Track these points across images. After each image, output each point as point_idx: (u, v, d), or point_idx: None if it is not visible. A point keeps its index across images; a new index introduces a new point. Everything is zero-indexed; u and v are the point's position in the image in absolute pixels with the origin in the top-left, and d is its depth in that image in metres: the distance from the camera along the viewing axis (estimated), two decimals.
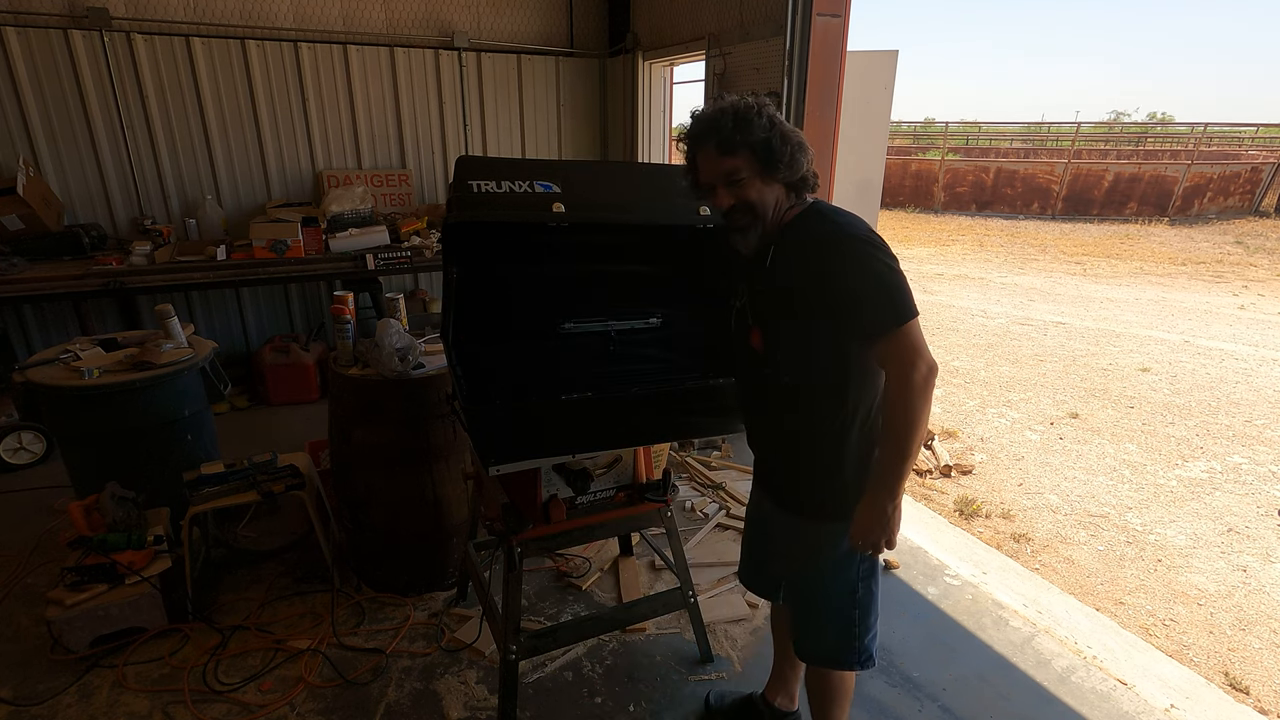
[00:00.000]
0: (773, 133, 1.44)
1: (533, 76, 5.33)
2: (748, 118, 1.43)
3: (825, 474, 1.58)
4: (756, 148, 1.44)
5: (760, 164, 1.45)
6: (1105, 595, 3.01)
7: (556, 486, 2.08)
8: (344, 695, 2.26)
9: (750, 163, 1.45)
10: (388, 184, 5.08)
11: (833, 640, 1.69)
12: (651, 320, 2.29)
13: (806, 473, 1.61)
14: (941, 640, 2.53)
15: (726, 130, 1.43)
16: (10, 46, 3.93)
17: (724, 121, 1.44)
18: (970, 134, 25.84)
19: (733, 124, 1.43)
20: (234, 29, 4.42)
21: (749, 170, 1.46)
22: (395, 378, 2.43)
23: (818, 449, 1.57)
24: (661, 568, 2.92)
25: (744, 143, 1.44)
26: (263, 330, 5.07)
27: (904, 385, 1.38)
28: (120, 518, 2.56)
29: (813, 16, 3.38)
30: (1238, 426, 4.80)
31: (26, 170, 3.98)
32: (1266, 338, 6.93)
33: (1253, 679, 2.54)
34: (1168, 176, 14.90)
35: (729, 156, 1.45)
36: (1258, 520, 3.65)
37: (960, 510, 3.66)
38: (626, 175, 2.21)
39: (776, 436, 1.68)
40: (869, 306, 1.39)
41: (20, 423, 3.72)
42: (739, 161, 1.45)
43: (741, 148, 1.44)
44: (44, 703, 2.21)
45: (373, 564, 2.75)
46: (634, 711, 2.23)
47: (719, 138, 1.44)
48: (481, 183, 1.66)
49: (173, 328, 2.94)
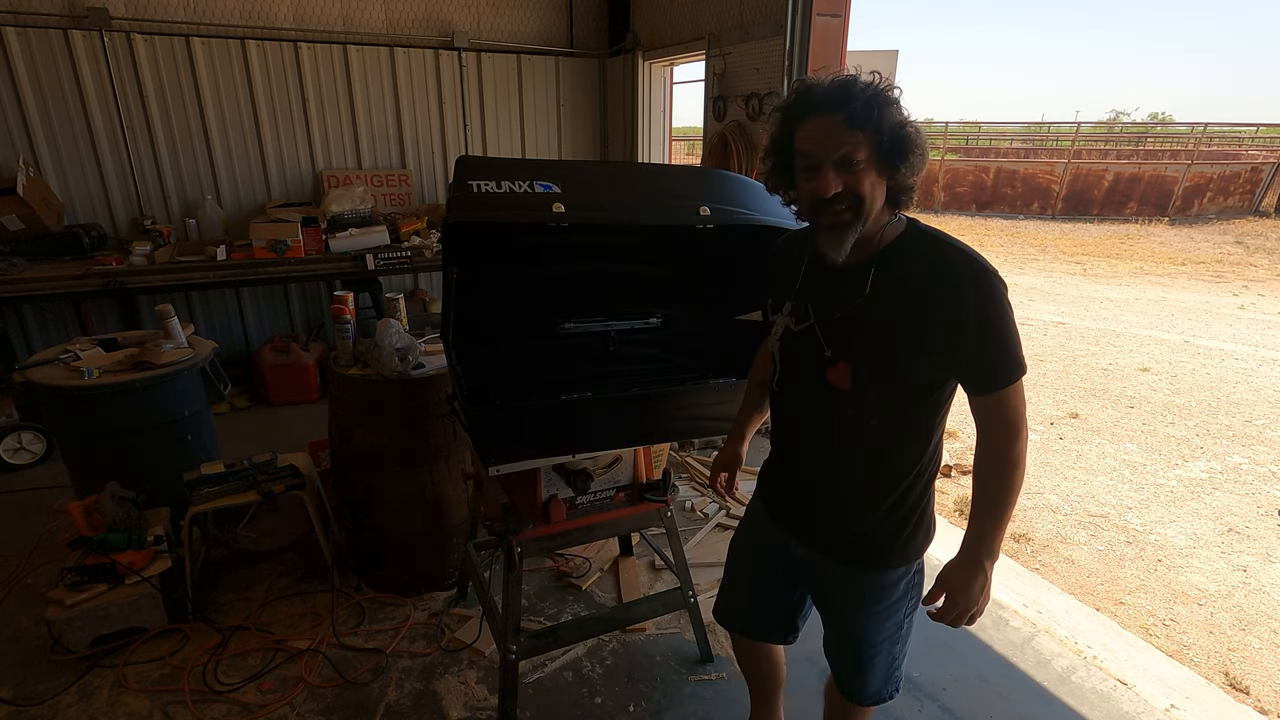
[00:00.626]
0: (908, 123, 1.24)
1: (533, 76, 5.33)
2: (888, 97, 1.23)
3: (897, 523, 1.45)
4: (889, 134, 1.23)
5: (884, 155, 1.24)
6: (1105, 595, 3.01)
7: (556, 486, 2.08)
8: (344, 695, 2.26)
9: (874, 150, 1.24)
10: (388, 184, 5.09)
11: (880, 678, 1.63)
12: (651, 320, 2.30)
13: (876, 520, 1.45)
14: (941, 640, 2.53)
15: (861, 102, 1.21)
16: (10, 46, 3.93)
17: (859, 93, 1.22)
18: (970, 134, 25.84)
19: (871, 98, 1.21)
20: (234, 29, 4.42)
21: (869, 157, 1.24)
22: (395, 378, 2.43)
23: (891, 495, 1.43)
24: (661, 568, 2.92)
25: (878, 124, 1.22)
26: (263, 330, 5.07)
27: (1014, 442, 1.29)
28: (120, 518, 2.55)
29: (813, 16, 3.38)
30: (1238, 426, 4.80)
31: (26, 170, 3.98)
32: (1266, 338, 6.93)
33: (1253, 679, 2.54)
34: (1168, 176, 14.90)
35: (856, 131, 1.22)
36: (1258, 520, 3.65)
37: (960, 510, 3.66)
38: (626, 175, 2.21)
39: (840, 480, 1.48)
40: (999, 357, 1.26)
41: (20, 423, 3.72)
42: (863, 141, 1.23)
43: (872, 128, 1.22)
44: (44, 703, 2.20)
45: (373, 564, 2.75)
46: (634, 711, 2.23)
47: (850, 109, 1.21)
48: (481, 183, 1.65)
49: (173, 328, 2.94)
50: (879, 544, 1.47)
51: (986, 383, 1.29)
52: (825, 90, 1.24)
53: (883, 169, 1.26)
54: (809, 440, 1.51)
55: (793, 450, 1.57)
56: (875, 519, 1.45)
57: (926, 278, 1.27)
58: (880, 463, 1.41)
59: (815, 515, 1.54)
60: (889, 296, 1.30)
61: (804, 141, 1.27)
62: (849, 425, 1.40)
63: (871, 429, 1.38)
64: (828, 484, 1.50)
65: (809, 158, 1.26)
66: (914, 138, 1.24)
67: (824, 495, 1.51)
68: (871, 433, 1.38)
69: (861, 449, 1.42)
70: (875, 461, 1.41)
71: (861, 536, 1.48)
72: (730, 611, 1.83)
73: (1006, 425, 1.30)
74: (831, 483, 1.49)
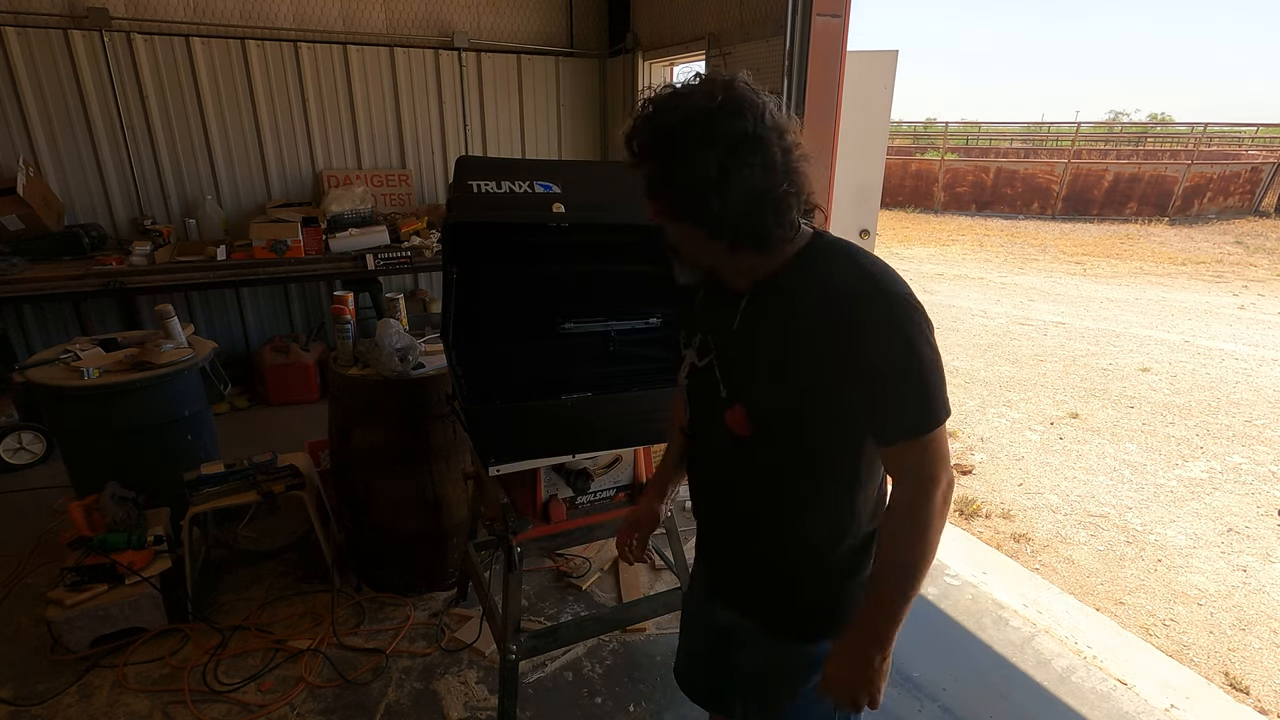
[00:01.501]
0: (723, 180, 0.98)
1: (532, 76, 5.33)
2: (680, 139, 0.99)
3: (819, 583, 1.21)
4: (686, 197, 1.02)
5: (698, 219, 1.04)
6: (1105, 595, 3.01)
7: (556, 486, 2.08)
8: (344, 695, 2.26)
9: (679, 220, 1.07)
10: (388, 184, 5.08)
11: None
12: (651, 320, 2.30)
13: (793, 582, 1.23)
14: (941, 640, 2.53)
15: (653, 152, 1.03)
16: (10, 46, 3.93)
17: (650, 137, 1.03)
18: (970, 134, 25.85)
19: (662, 148, 1.02)
20: (234, 29, 4.42)
21: (679, 230, 1.08)
22: (395, 378, 2.43)
23: (810, 552, 1.20)
24: (661, 568, 2.92)
25: (667, 187, 1.03)
26: (263, 330, 5.07)
27: (922, 504, 1.03)
28: (120, 518, 2.56)
29: (813, 16, 3.37)
30: (1238, 426, 4.80)
31: (26, 170, 3.98)
32: (1266, 338, 6.93)
33: (1253, 679, 2.54)
34: (1168, 176, 14.90)
35: (649, 199, 1.08)
36: (1258, 520, 3.65)
37: (960, 510, 3.66)
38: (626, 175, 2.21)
39: (753, 535, 1.24)
40: (899, 400, 1.01)
41: (20, 423, 3.72)
42: (664, 217, 1.08)
43: (661, 194, 1.05)
44: (44, 703, 2.20)
45: (373, 564, 2.75)
46: (634, 711, 2.23)
47: (643, 161, 1.05)
48: (481, 183, 1.66)
49: (173, 328, 2.94)
50: (797, 611, 1.24)
51: (885, 431, 1.05)
52: (629, 133, 1.06)
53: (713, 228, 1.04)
54: (716, 488, 1.30)
55: (705, 499, 1.34)
56: (793, 581, 1.23)
57: (812, 307, 1.04)
58: (799, 515, 1.17)
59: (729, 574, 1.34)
60: (767, 329, 1.10)
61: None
62: (758, 474, 1.19)
63: (784, 477, 1.16)
64: (735, 539, 1.29)
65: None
66: (725, 202, 0.99)
67: (737, 552, 1.30)
68: (785, 482, 1.17)
69: (767, 499, 1.19)
70: (793, 513, 1.18)
71: (774, 600, 1.26)
72: (679, 675, 1.58)
73: (908, 486, 1.04)
74: (740, 538, 1.28)
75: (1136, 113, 44.81)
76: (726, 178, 0.98)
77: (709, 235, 1.05)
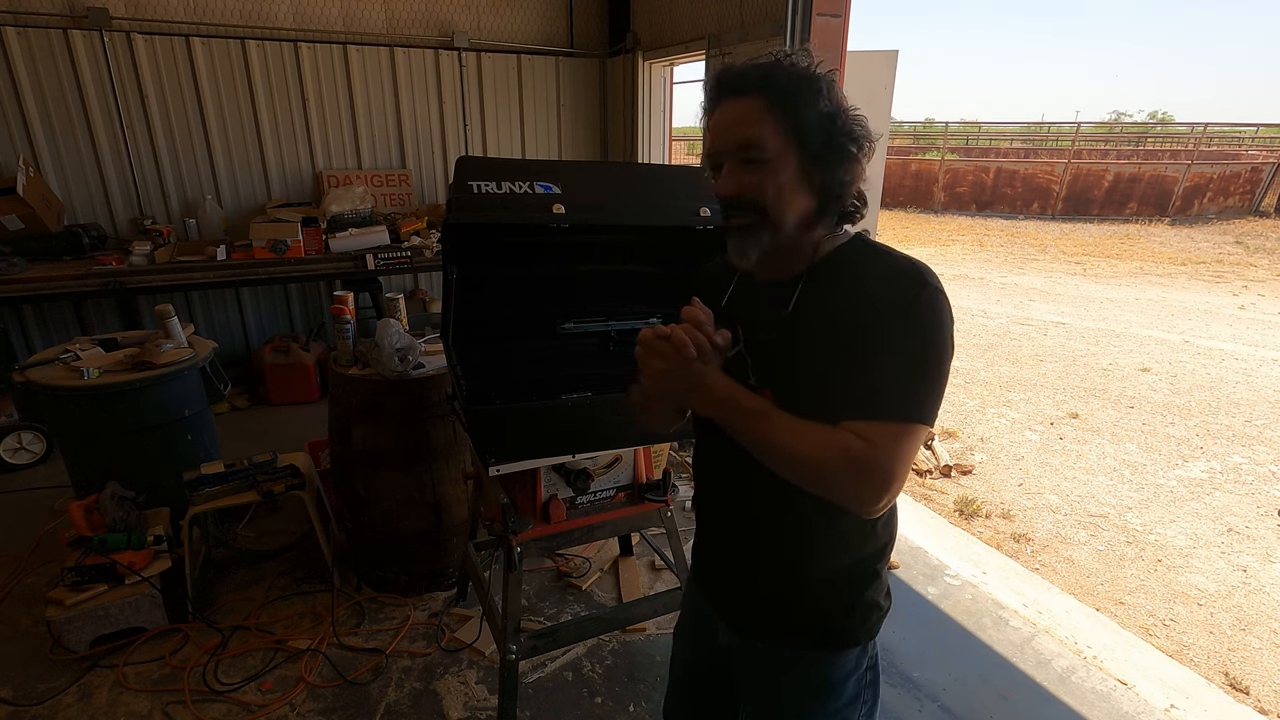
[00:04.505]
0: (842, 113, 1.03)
1: (533, 77, 5.33)
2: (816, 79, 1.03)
3: (835, 588, 1.18)
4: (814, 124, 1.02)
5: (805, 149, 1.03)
6: (1105, 595, 3.01)
7: (556, 486, 2.08)
8: (344, 695, 2.26)
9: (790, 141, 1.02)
10: (388, 184, 5.08)
11: None
12: (652, 320, 2.30)
13: (812, 588, 1.18)
14: (941, 640, 2.53)
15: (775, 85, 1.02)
16: (10, 46, 3.93)
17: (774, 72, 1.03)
18: (970, 134, 25.85)
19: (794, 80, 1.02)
20: (234, 29, 4.42)
21: (780, 152, 1.03)
22: (395, 378, 2.43)
23: (831, 557, 1.16)
24: (661, 568, 2.92)
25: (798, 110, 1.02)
26: (263, 330, 5.07)
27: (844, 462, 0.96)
28: (120, 518, 2.56)
29: (813, 16, 3.37)
30: (1238, 426, 4.80)
31: (26, 170, 3.98)
32: (1266, 338, 6.93)
33: (1253, 679, 2.54)
34: (1168, 176, 14.90)
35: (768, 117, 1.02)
36: (1258, 520, 3.65)
37: (960, 510, 3.66)
38: (626, 175, 2.21)
39: (771, 540, 1.20)
40: (890, 378, 0.98)
41: (20, 423, 3.72)
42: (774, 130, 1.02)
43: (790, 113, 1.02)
44: (44, 703, 2.21)
45: (373, 564, 2.75)
46: (634, 711, 2.23)
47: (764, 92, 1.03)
48: (481, 183, 1.66)
49: (173, 328, 2.94)
50: (817, 617, 1.18)
51: (853, 406, 0.99)
52: (736, 73, 1.05)
53: (805, 167, 1.04)
54: (729, 484, 1.25)
55: (714, 497, 1.29)
56: (812, 587, 1.18)
57: (858, 293, 1.04)
58: (813, 515, 1.14)
59: (738, 588, 1.27)
60: (815, 316, 1.08)
61: (711, 134, 1.09)
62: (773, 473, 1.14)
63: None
64: (749, 545, 1.23)
65: (715, 156, 1.08)
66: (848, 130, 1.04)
67: (749, 560, 1.24)
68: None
69: (791, 497, 1.10)
70: (808, 512, 1.14)
71: (793, 609, 1.19)
72: (668, 713, 1.53)
73: (870, 458, 0.95)
74: (752, 543, 1.23)
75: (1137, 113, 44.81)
76: (837, 123, 1.04)
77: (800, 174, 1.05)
